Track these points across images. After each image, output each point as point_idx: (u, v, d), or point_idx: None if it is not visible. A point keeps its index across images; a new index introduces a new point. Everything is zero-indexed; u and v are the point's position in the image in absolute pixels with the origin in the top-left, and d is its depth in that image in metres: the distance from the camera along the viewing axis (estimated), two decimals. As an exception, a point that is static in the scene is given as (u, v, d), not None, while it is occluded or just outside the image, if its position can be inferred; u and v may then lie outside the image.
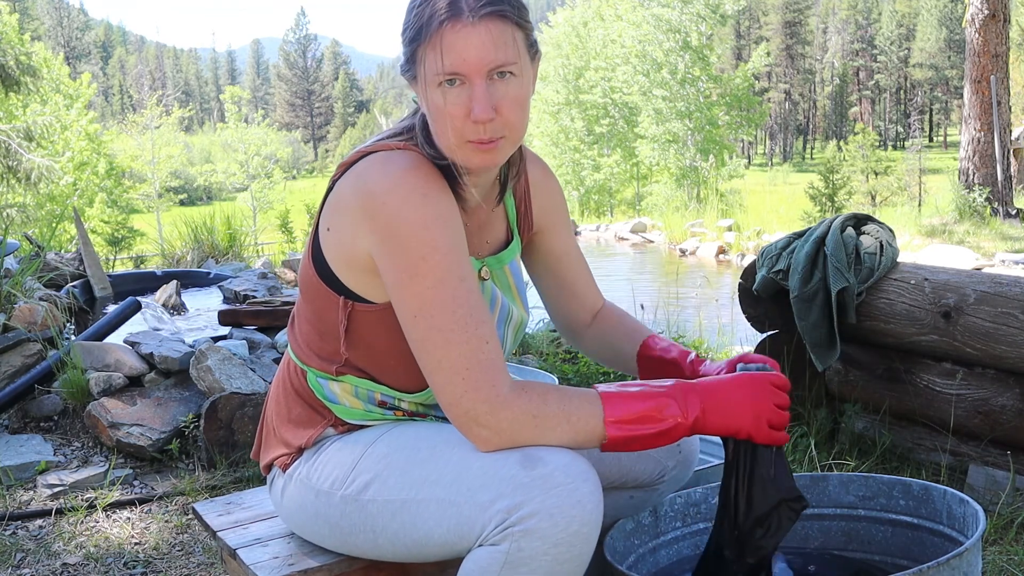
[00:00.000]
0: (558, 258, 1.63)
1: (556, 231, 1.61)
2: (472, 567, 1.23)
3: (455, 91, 1.26)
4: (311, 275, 1.41)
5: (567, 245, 1.64)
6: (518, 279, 1.55)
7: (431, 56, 1.25)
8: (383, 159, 1.33)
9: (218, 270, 5.83)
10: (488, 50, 1.24)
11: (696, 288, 7.99)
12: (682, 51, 28.94)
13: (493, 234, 1.50)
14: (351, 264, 1.35)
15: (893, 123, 72.11)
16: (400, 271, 1.28)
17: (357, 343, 1.40)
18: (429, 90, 1.28)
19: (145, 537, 2.54)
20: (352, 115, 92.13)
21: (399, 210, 1.28)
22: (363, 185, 1.31)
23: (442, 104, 1.27)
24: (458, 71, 1.25)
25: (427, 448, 1.33)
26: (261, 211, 25.81)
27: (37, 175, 11.05)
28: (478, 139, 1.28)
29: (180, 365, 3.25)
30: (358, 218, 1.31)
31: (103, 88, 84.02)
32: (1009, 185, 13.34)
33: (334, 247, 1.36)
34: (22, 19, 25.55)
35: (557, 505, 1.18)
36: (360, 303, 1.37)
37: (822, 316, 2.74)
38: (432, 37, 1.25)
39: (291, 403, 1.49)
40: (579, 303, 1.66)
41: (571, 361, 3.90)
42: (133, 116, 30.89)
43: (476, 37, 1.24)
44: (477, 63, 1.24)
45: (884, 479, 1.58)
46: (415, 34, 1.27)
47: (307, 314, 1.45)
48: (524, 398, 1.25)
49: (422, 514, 1.28)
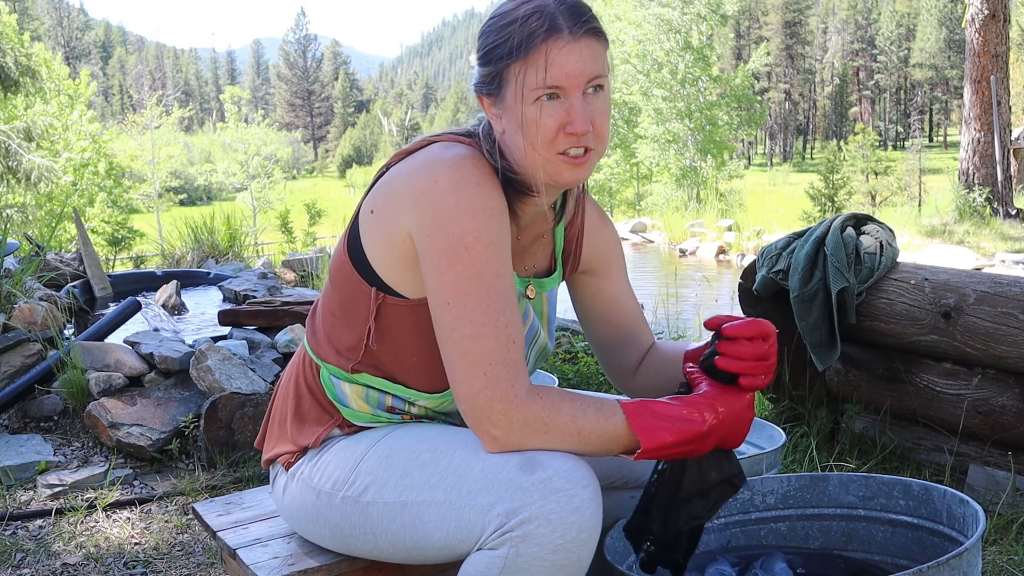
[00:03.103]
0: (610, 302, 1.61)
1: (610, 275, 1.60)
2: (471, 571, 1.23)
3: (552, 104, 1.29)
4: (344, 263, 1.40)
5: (620, 291, 1.62)
6: (552, 309, 1.55)
7: (531, 71, 1.27)
8: (444, 146, 1.35)
9: (218, 270, 5.84)
10: (588, 64, 1.28)
11: (696, 288, 7.99)
12: (683, 51, 28.93)
13: (536, 259, 1.51)
14: (390, 250, 1.35)
15: (893, 123, 72.14)
16: (440, 256, 1.28)
17: (382, 337, 1.39)
18: (523, 106, 1.29)
19: (145, 537, 2.54)
20: (352, 115, 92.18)
21: (449, 193, 1.28)
22: (418, 165, 1.33)
23: (536, 118, 1.29)
24: (559, 84, 1.28)
25: (428, 451, 1.33)
26: (261, 211, 25.82)
27: (37, 175, 11.06)
28: (571, 153, 1.31)
29: (180, 365, 3.25)
30: (406, 197, 1.31)
31: (103, 88, 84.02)
32: (1009, 185, 13.34)
33: (375, 230, 1.36)
34: (22, 19, 25.57)
35: (556, 511, 1.18)
36: (392, 296, 1.37)
37: (822, 316, 2.74)
38: (533, 52, 1.27)
39: (301, 398, 1.49)
40: (631, 348, 1.61)
41: (571, 361, 3.90)
42: (133, 116, 30.85)
43: (577, 52, 1.28)
44: (578, 77, 1.28)
45: (884, 479, 1.58)
46: (508, 51, 1.28)
47: (334, 304, 1.44)
48: (539, 404, 1.25)
49: (422, 516, 1.28)
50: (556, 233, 1.53)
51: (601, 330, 1.62)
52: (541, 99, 1.28)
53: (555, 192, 1.41)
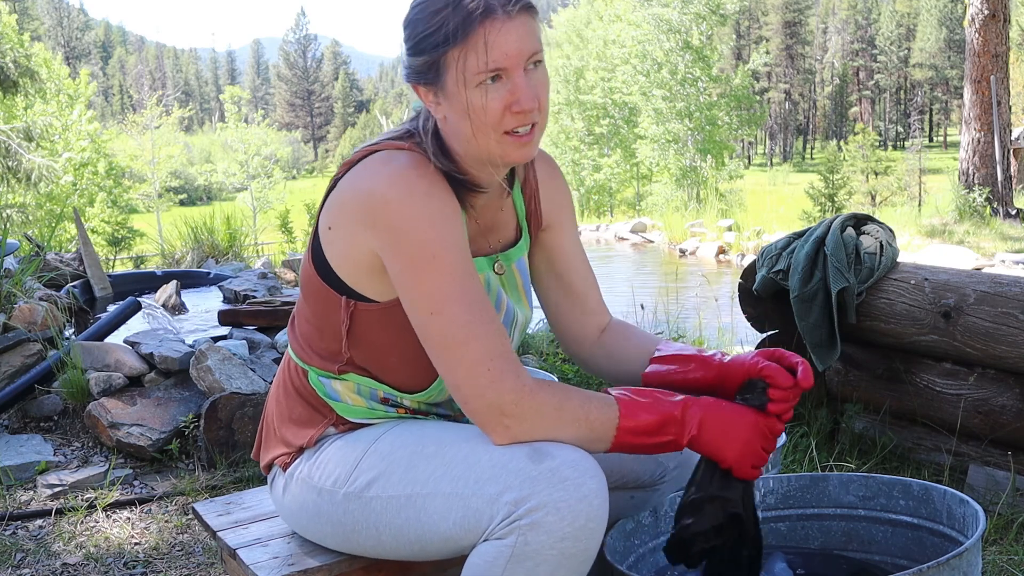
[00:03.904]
0: (563, 257, 1.59)
1: (562, 228, 1.59)
2: (478, 561, 1.24)
3: (496, 87, 1.28)
4: (312, 275, 1.41)
5: (573, 245, 1.61)
6: (525, 277, 1.55)
7: (472, 56, 1.26)
8: (385, 158, 1.34)
9: (218, 270, 5.83)
10: (526, 41, 1.28)
11: (696, 288, 7.99)
12: (682, 51, 28.93)
13: (503, 232, 1.51)
14: (354, 263, 1.35)
15: (893, 123, 72.13)
16: (410, 270, 1.29)
17: (359, 342, 1.40)
18: (466, 91, 1.28)
19: (145, 537, 2.54)
20: (352, 115, 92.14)
21: (403, 210, 1.29)
22: (365, 184, 1.32)
23: (482, 102, 1.28)
24: (502, 66, 1.27)
25: (433, 444, 1.33)
26: (261, 211, 25.81)
27: (37, 175, 11.05)
28: (519, 132, 1.31)
29: (180, 365, 3.25)
30: (361, 217, 1.32)
31: (103, 88, 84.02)
32: (1009, 185, 13.34)
33: (336, 245, 1.36)
34: (22, 19, 25.57)
35: (564, 499, 1.19)
36: (362, 302, 1.37)
37: (822, 316, 2.74)
38: (472, 37, 1.26)
39: (292, 403, 1.49)
40: (584, 312, 1.59)
41: (571, 361, 3.89)
42: (133, 116, 30.86)
43: (515, 30, 1.27)
44: (518, 56, 1.27)
45: (884, 479, 1.58)
46: (444, 39, 1.27)
47: (308, 314, 1.45)
48: (548, 390, 1.28)
49: (427, 508, 1.29)
50: (516, 201, 1.53)
51: (554, 289, 1.60)
52: (485, 83, 1.28)
53: (503, 172, 1.41)
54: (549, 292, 1.61)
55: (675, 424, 1.30)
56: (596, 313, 1.60)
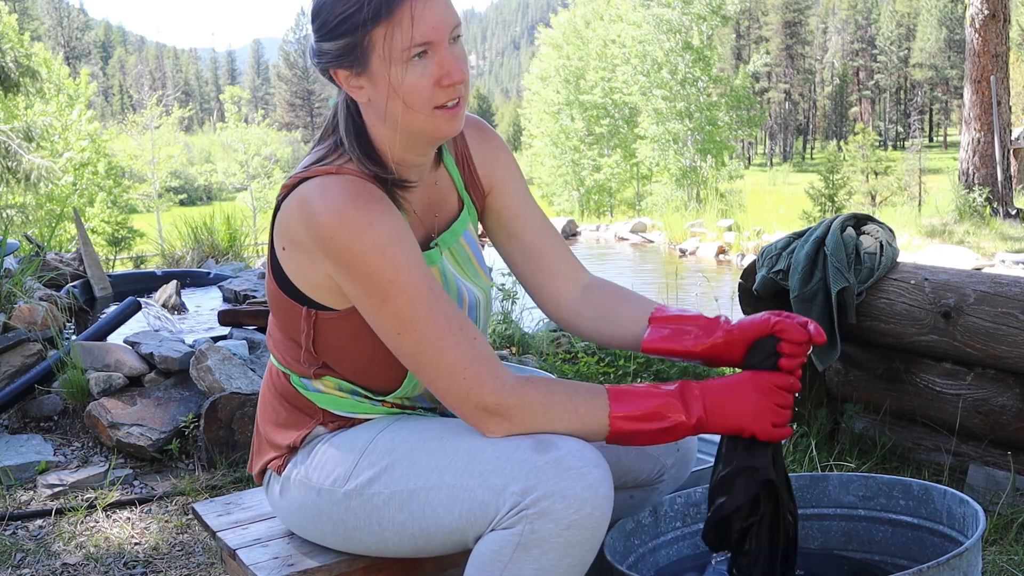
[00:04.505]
0: (514, 216, 1.54)
1: (505, 189, 1.55)
2: (484, 551, 1.24)
3: (423, 63, 1.28)
4: (274, 288, 1.42)
5: (521, 203, 1.55)
6: (475, 248, 1.52)
7: (398, 33, 1.25)
8: (321, 188, 1.32)
9: (218, 270, 5.83)
10: (449, 14, 1.29)
11: (696, 288, 7.99)
12: (683, 51, 28.93)
13: (444, 207, 1.49)
14: (311, 282, 1.36)
15: (893, 123, 72.11)
16: (370, 296, 1.29)
17: (325, 349, 1.41)
18: (393, 69, 1.27)
19: (145, 537, 2.54)
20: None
21: (351, 243, 1.28)
22: (308, 218, 1.31)
23: (412, 79, 1.27)
24: (429, 40, 1.27)
25: (434, 439, 1.34)
26: (261, 211, 25.79)
27: (37, 175, 11.05)
28: (448, 105, 1.31)
29: (180, 365, 3.25)
30: (312, 249, 1.32)
31: (103, 88, 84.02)
32: (1009, 185, 13.35)
33: (292, 264, 1.37)
34: (22, 19, 25.57)
35: (570, 488, 1.20)
36: (323, 311, 1.38)
37: (822, 316, 2.74)
38: (397, 13, 1.25)
39: (278, 406, 1.50)
40: (553, 270, 1.53)
41: (571, 361, 3.90)
42: (133, 116, 30.84)
43: (439, 3, 1.28)
44: (444, 29, 1.27)
45: (884, 479, 1.58)
46: (366, 18, 1.25)
47: (280, 324, 1.47)
48: (531, 386, 1.28)
49: (432, 502, 1.29)
50: (450, 172, 1.51)
51: (516, 252, 1.55)
52: (412, 59, 1.27)
53: (433, 148, 1.41)
54: (512, 257, 1.57)
55: (676, 407, 1.29)
56: (566, 270, 1.54)
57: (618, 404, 1.29)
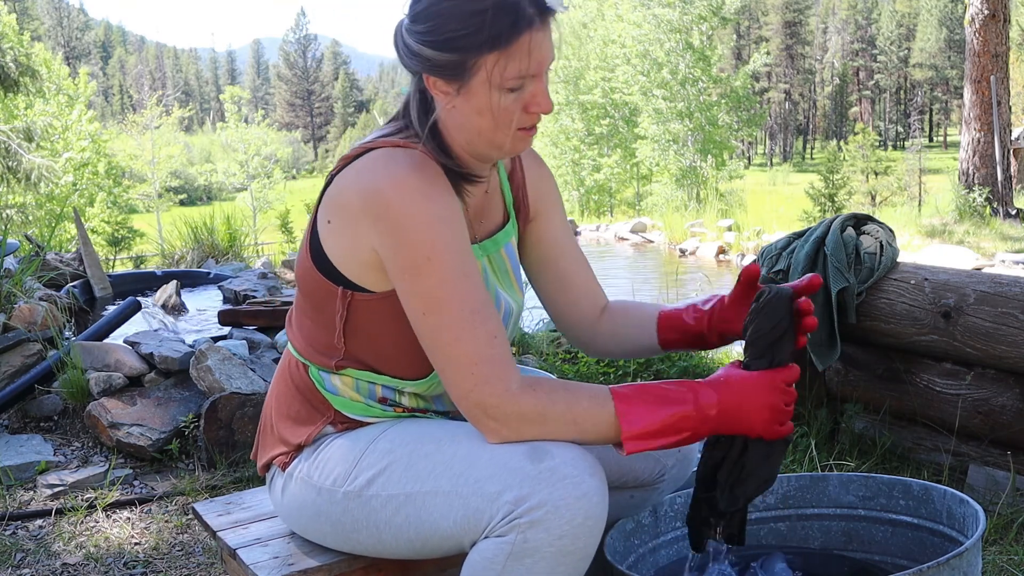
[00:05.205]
0: (553, 245, 1.60)
1: (549, 218, 1.60)
2: (477, 559, 1.24)
3: (520, 89, 1.31)
4: (308, 267, 1.41)
5: (562, 233, 1.61)
6: (514, 262, 1.55)
7: (512, 63, 1.28)
8: (386, 157, 1.34)
9: (218, 270, 5.83)
10: (552, 49, 1.32)
11: (696, 288, 8.00)
12: (683, 52, 28.92)
13: (490, 216, 1.51)
14: (353, 257, 1.36)
15: (893, 123, 72.13)
16: (406, 270, 1.30)
17: (356, 332, 1.40)
18: (494, 93, 1.30)
19: (145, 537, 2.54)
20: (352, 115, 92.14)
21: (403, 210, 1.29)
22: (367, 183, 1.32)
23: (506, 103, 1.31)
24: (535, 72, 1.31)
25: (432, 443, 1.34)
26: (261, 211, 25.82)
27: (37, 175, 11.05)
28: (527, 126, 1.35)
29: (180, 365, 3.25)
30: (361, 215, 1.32)
31: (103, 88, 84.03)
32: (1009, 185, 13.34)
33: (335, 239, 1.37)
34: (22, 19, 25.57)
35: (563, 497, 1.20)
36: (360, 292, 1.37)
37: (822, 316, 2.74)
38: (514, 45, 1.27)
39: (291, 399, 1.49)
40: (579, 297, 1.60)
41: (571, 361, 3.90)
42: (133, 116, 30.87)
43: (547, 39, 1.31)
44: (547, 62, 1.32)
45: (884, 479, 1.58)
46: (481, 43, 1.27)
47: (305, 308, 1.45)
48: (532, 396, 1.27)
49: (427, 506, 1.29)
50: (503, 188, 1.54)
51: (548, 278, 1.61)
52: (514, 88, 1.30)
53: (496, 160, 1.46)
54: (540, 281, 1.63)
55: (690, 419, 1.28)
56: (591, 296, 1.61)
57: (629, 421, 1.26)
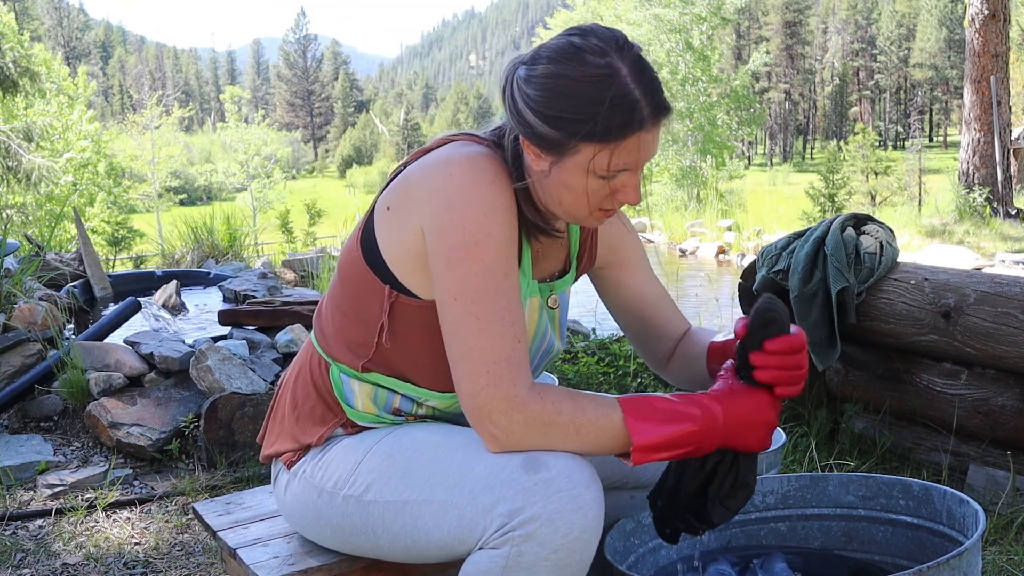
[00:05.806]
0: (636, 295, 1.61)
1: (630, 268, 1.60)
2: (472, 570, 1.23)
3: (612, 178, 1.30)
4: (357, 259, 1.39)
5: (644, 282, 1.61)
6: (564, 311, 1.56)
7: (616, 157, 1.27)
8: (461, 144, 1.35)
9: (218, 270, 5.83)
10: (657, 146, 1.31)
11: (696, 288, 8.00)
12: (683, 52, 28.93)
13: (551, 262, 1.50)
14: (403, 245, 1.34)
15: (893, 123, 72.13)
16: (451, 250, 1.28)
17: (394, 336, 1.38)
18: (589, 178, 1.29)
19: (145, 537, 2.54)
20: (352, 115, 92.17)
21: (463, 189, 1.28)
22: (434, 162, 1.32)
23: (595, 187, 1.30)
24: (633, 168, 1.30)
25: (430, 450, 1.33)
26: (261, 211, 25.80)
27: (37, 175, 11.06)
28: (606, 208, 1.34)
29: (180, 365, 3.25)
30: (421, 193, 1.31)
31: (103, 88, 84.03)
32: (1009, 185, 13.35)
33: (390, 226, 1.35)
34: (22, 19, 25.57)
35: (558, 511, 1.18)
36: (405, 296, 1.36)
37: (822, 316, 2.74)
38: (623, 142, 1.26)
39: (307, 396, 1.48)
40: (662, 337, 1.61)
41: (571, 361, 3.90)
42: (133, 116, 30.86)
43: (656, 139, 1.30)
44: (650, 158, 1.31)
45: (884, 479, 1.58)
46: (590, 132, 1.25)
47: (343, 301, 1.43)
48: (539, 403, 1.25)
49: (423, 515, 1.28)
50: (571, 236, 1.53)
51: (629, 321, 1.63)
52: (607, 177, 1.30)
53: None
54: (623, 320, 1.64)
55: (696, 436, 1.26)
56: (669, 331, 1.61)
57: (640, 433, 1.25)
